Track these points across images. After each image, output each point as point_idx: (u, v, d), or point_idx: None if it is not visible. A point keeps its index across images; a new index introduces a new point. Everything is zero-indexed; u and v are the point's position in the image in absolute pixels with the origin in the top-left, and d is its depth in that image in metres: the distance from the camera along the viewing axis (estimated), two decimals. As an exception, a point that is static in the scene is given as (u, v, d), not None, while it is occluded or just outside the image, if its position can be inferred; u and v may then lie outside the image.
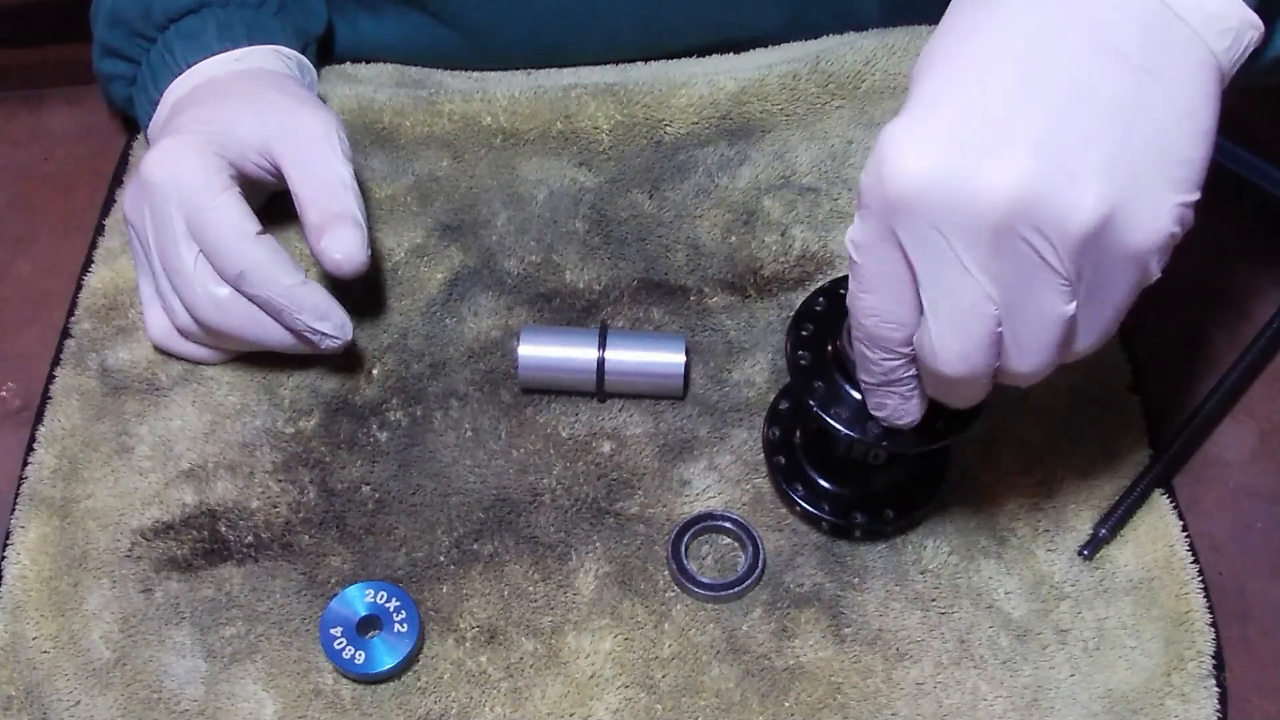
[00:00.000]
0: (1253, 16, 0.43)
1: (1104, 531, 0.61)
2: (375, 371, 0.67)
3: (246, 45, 0.68)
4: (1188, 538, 0.62)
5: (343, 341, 0.62)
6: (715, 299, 0.69)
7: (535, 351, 0.65)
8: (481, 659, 0.59)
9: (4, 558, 0.62)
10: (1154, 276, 0.44)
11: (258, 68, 0.68)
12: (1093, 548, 0.61)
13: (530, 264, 0.71)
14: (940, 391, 0.49)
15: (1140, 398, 0.66)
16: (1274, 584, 0.62)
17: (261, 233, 0.61)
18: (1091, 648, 0.59)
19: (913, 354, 0.48)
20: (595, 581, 0.61)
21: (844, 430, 0.54)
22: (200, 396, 0.66)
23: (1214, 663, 0.58)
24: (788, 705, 0.58)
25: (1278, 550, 0.63)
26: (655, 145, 0.74)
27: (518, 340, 0.65)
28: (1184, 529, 0.62)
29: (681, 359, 0.65)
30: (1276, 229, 0.74)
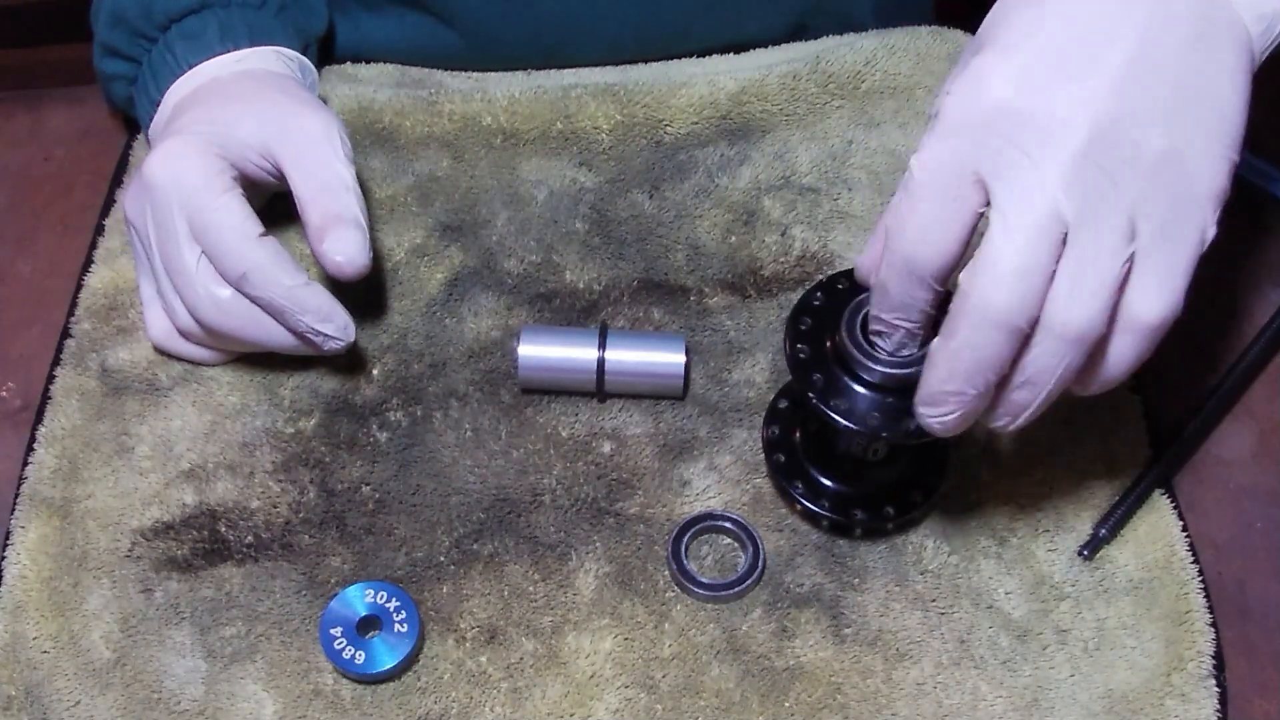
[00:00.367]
0: None
1: (1104, 531, 0.61)
2: (375, 371, 0.67)
3: (248, 46, 0.68)
4: (1188, 538, 0.62)
5: (345, 343, 0.62)
6: (715, 299, 0.69)
7: (535, 351, 0.65)
8: (481, 659, 0.59)
9: (4, 558, 0.62)
10: (1211, 233, 0.47)
11: (259, 68, 0.67)
12: (1093, 548, 0.61)
13: (530, 264, 0.71)
14: (956, 345, 0.47)
15: (1140, 398, 0.66)
16: (1274, 584, 0.62)
17: (264, 234, 0.61)
18: (1091, 648, 0.59)
19: (938, 291, 0.49)
20: (595, 581, 0.61)
21: (843, 422, 0.54)
22: (200, 396, 0.66)
23: (1214, 663, 0.58)
24: (788, 705, 0.58)
25: (1278, 550, 0.63)
26: (655, 145, 0.74)
27: (518, 340, 0.65)
28: (1184, 529, 0.62)
29: (681, 359, 0.65)
30: (1276, 229, 0.74)
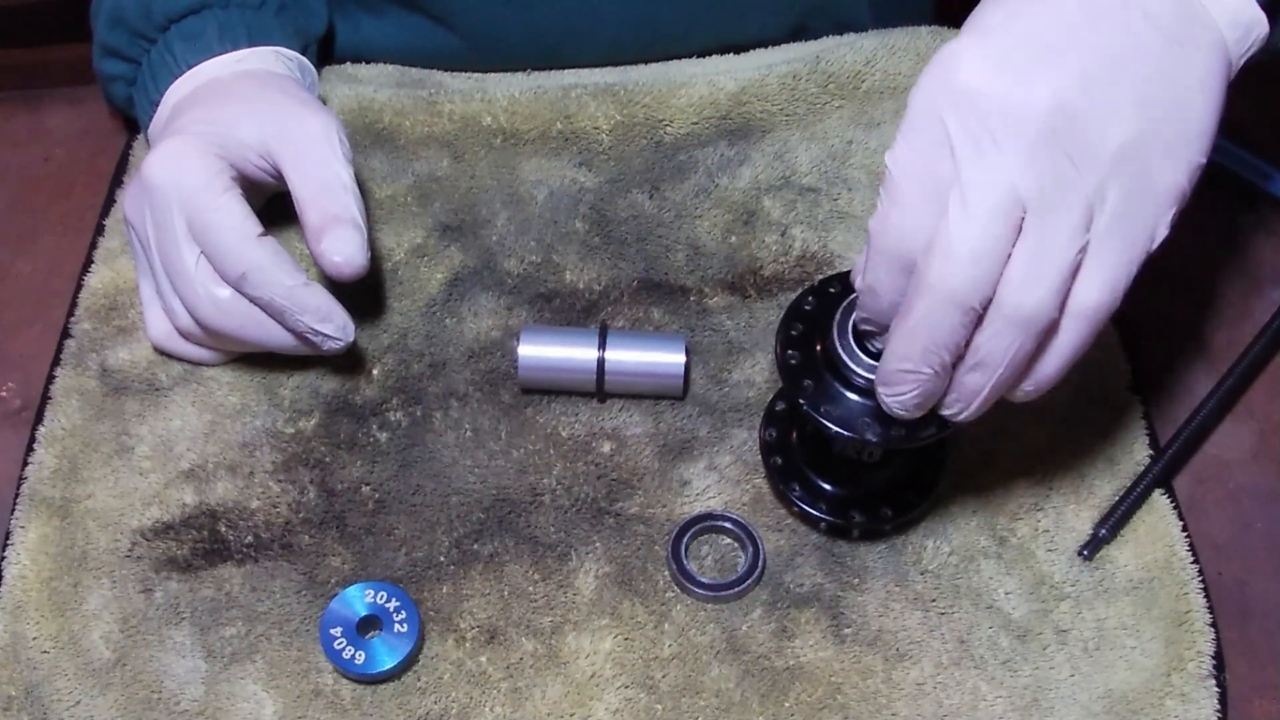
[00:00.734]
0: (1262, 16, 0.49)
1: (1104, 531, 0.61)
2: (375, 371, 0.67)
3: (247, 46, 0.68)
4: (1188, 538, 0.62)
5: (345, 343, 0.62)
6: (715, 299, 0.69)
7: (535, 351, 0.65)
8: (481, 659, 0.59)
9: (4, 558, 0.62)
10: (1163, 232, 0.48)
11: (258, 69, 0.67)
12: (1093, 548, 0.61)
13: (530, 264, 0.71)
14: (911, 324, 0.48)
15: (1140, 398, 0.66)
16: (1274, 584, 0.62)
17: (263, 234, 0.61)
18: (1091, 648, 0.59)
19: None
20: (595, 581, 0.61)
21: (833, 428, 0.54)
22: (200, 396, 0.66)
23: (1214, 663, 0.58)
24: (788, 705, 0.58)
25: (1278, 550, 0.63)
26: (655, 145, 0.74)
27: (518, 340, 0.65)
28: (1184, 529, 0.62)
29: (681, 359, 0.65)
30: (1276, 229, 0.74)
